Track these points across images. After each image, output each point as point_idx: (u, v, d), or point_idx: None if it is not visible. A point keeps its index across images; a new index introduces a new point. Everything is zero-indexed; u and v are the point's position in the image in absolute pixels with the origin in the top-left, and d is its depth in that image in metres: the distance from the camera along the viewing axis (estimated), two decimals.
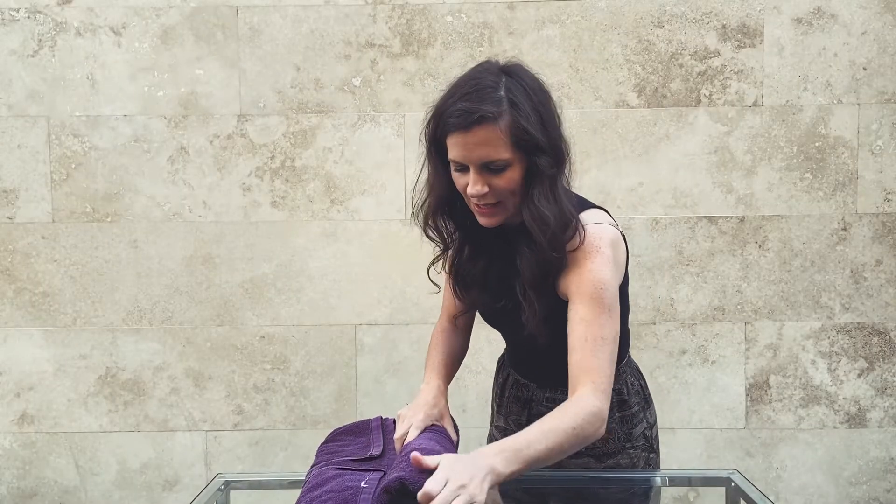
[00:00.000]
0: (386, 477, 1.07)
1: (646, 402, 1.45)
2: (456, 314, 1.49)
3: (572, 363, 1.17)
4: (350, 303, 2.35)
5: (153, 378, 2.37)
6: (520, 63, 1.25)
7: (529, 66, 1.26)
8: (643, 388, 1.45)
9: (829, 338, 2.34)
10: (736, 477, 1.36)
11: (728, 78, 2.30)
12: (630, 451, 1.40)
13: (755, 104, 2.30)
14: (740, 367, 2.34)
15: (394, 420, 1.33)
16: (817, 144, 2.31)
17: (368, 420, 1.41)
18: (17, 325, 2.36)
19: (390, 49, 2.30)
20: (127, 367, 2.36)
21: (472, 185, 1.20)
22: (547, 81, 1.27)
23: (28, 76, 2.32)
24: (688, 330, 2.34)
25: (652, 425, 1.45)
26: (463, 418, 2.25)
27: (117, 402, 2.37)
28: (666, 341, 2.34)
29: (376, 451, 1.24)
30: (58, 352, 2.36)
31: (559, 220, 1.20)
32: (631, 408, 1.41)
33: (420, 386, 1.38)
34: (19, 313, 2.36)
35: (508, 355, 1.52)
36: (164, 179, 2.33)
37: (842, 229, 2.32)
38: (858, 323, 2.33)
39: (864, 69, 2.29)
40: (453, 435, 1.31)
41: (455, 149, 1.21)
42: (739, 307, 2.33)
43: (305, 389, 2.37)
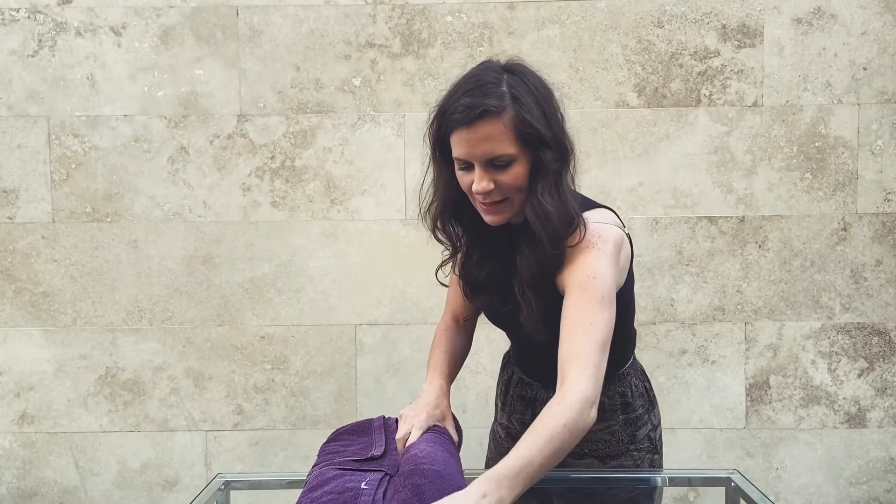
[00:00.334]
0: (395, 493, 1.06)
1: (650, 405, 1.44)
2: (462, 315, 1.49)
3: (560, 352, 1.13)
4: (350, 303, 2.35)
5: (153, 378, 2.37)
6: (522, 61, 1.25)
7: (531, 65, 1.26)
8: (648, 391, 1.45)
9: (829, 338, 2.34)
10: (736, 477, 1.36)
11: (728, 78, 2.30)
12: (634, 454, 1.40)
13: (755, 104, 2.30)
14: (740, 367, 2.34)
15: (396, 420, 1.33)
16: (817, 144, 2.31)
17: (371, 420, 1.41)
18: (17, 325, 2.36)
19: (390, 49, 2.30)
20: (127, 367, 2.36)
21: (478, 182, 1.19)
22: (549, 80, 1.27)
23: (28, 76, 2.31)
24: (688, 330, 2.34)
25: (656, 427, 1.45)
26: (463, 418, 2.25)
27: (117, 402, 2.37)
28: (666, 341, 2.34)
29: (378, 452, 1.24)
30: (58, 352, 2.36)
31: (562, 217, 1.19)
32: (635, 410, 1.40)
33: (422, 386, 1.37)
34: (19, 313, 2.36)
35: (514, 354, 1.52)
36: (164, 179, 2.33)
37: (842, 229, 2.32)
38: (858, 323, 2.33)
39: (864, 69, 2.29)
40: (455, 436, 1.31)
41: (459, 146, 1.20)
42: (739, 307, 2.33)
43: (305, 389, 2.36)
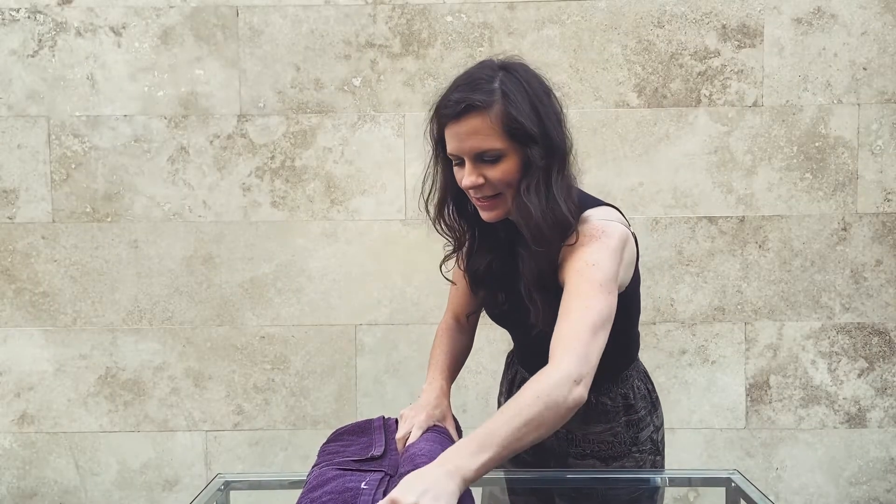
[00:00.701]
0: (391, 486, 1.06)
1: (653, 406, 1.44)
2: (464, 312, 1.49)
3: (553, 337, 1.11)
4: (350, 303, 2.35)
5: (153, 378, 2.37)
6: (521, 60, 1.25)
7: (531, 64, 1.26)
8: (650, 392, 1.44)
9: (829, 338, 2.34)
10: (736, 477, 1.36)
11: (728, 78, 2.30)
12: (636, 455, 1.39)
13: (755, 104, 2.30)
14: (740, 367, 2.34)
15: (396, 420, 1.34)
16: (817, 144, 2.31)
17: (371, 420, 1.41)
18: (17, 325, 2.36)
19: (390, 49, 2.30)
20: (127, 367, 2.36)
21: (466, 177, 1.20)
22: (550, 80, 1.27)
23: (28, 76, 2.31)
24: (688, 330, 2.34)
25: (658, 428, 1.44)
26: (463, 418, 2.24)
27: (117, 402, 2.37)
28: (666, 341, 2.34)
29: (378, 452, 1.24)
30: (58, 352, 2.36)
31: (546, 215, 1.18)
32: (637, 412, 1.40)
33: (422, 386, 1.38)
34: (19, 313, 2.36)
35: (517, 353, 1.52)
36: (164, 179, 2.33)
37: (842, 229, 2.32)
38: (858, 323, 2.33)
39: (864, 69, 2.29)
40: (455, 436, 1.31)
41: (450, 141, 1.21)
42: (739, 307, 2.33)
43: (305, 389, 2.36)
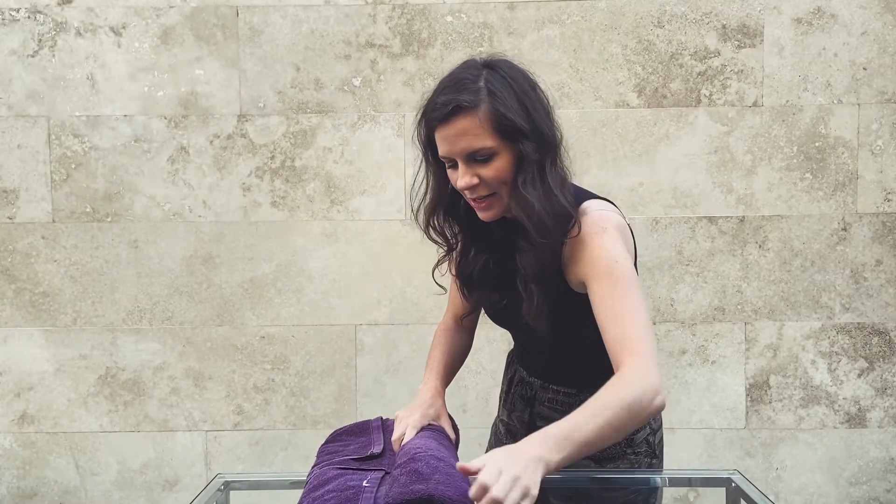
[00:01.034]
0: (397, 479, 1.06)
1: None
2: (462, 314, 1.49)
3: (608, 341, 1.12)
4: (350, 303, 2.35)
5: (153, 378, 2.36)
6: (504, 57, 1.26)
7: (514, 59, 1.26)
8: None
9: (829, 338, 2.34)
10: (736, 477, 1.36)
11: (728, 78, 2.30)
12: (631, 457, 1.39)
13: (755, 104, 2.30)
14: (740, 367, 2.35)
15: (394, 420, 1.34)
16: (817, 144, 2.31)
17: (369, 420, 1.41)
18: (17, 325, 2.36)
19: (390, 49, 2.30)
20: (127, 367, 2.36)
21: (461, 178, 1.20)
22: (541, 78, 1.27)
23: (28, 76, 2.31)
24: (688, 330, 2.34)
25: (655, 430, 1.44)
26: (463, 418, 2.25)
27: (117, 402, 2.37)
28: (666, 341, 2.34)
29: (377, 450, 1.24)
30: (58, 352, 2.36)
31: (546, 206, 1.18)
32: None
33: (419, 386, 1.38)
34: (19, 313, 2.36)
35: (515, 352, 1.52)
36: (164, 179, 2.33)
37: (842, 229, 2.32)
38: (858, 323, 2.34)
39: (864, 69, 2.29)
40: (451, 434, 1.32)
41: (441, 144, 1.21)
42: (739, 307, 2.34)
43: (305, 389, 2.36)
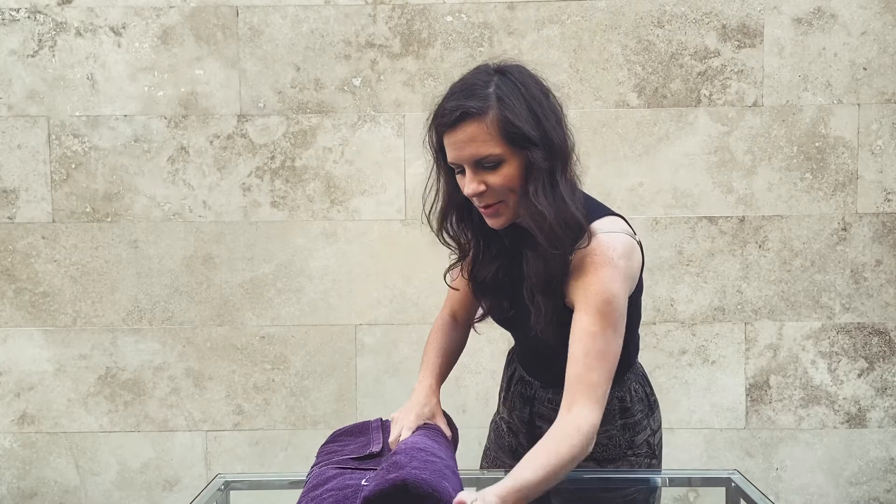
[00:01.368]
0: (378, 473, 1.07)
1: (650, 410, 1.43)
2: (462, 312, 1.50)
3: (570, 374, 1.17)
4: (350, 303, 2.35)
5: (153, 378, 2.37)
6: (518, 63, 1.24)
7: (528, 66, 1.25)
8: (648, 396, 1.44)
9: (829, 338, 2.34)
10: (736, 477, 1.36)
11: (728, 78, 2.30)
12: (631, 458, 1.39)
13: (755, 104, 2.30)
14: (740, 367, 2.34)
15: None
16: (817, 144, 2.31)
17: (368, 421, 1.42)
18: (17, 325, 2.36)
19: (390, 49, 2.30)
20: (127, 367, 2.36)
21: (468, 185, 1.20)
22: (548, 81, 1.26)
23: (28, 76, 2.32)
24: (688, 330, 2.34)
25: (655, 431, 1.44)
26: (463, 418, 2.25)
27: (117, 402, 2.37)
28: (666, 341, 2.34)
29: (376, 449, 1.25)
30: (58, 352, 2.36)
31: (558, 216, 1.18)
32: (634, 415, 1.40)
33: (414, 385, 1.39)
34: (19, 313, 2.36)
35: (517, 353, 1.52)
36: (164, 179, 2.33)
37: (842, 229, 2.32)
38: (858, 323, 2.33)
39: (864, 69, 2.29)
40: (447, 431, 1.32)
41: (449, 150, 1.21)
42: (739, 307, 2.33)
43: (305, 389, 2.36)
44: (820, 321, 2.33)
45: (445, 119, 1.19)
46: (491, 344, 2.30)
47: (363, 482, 1.10)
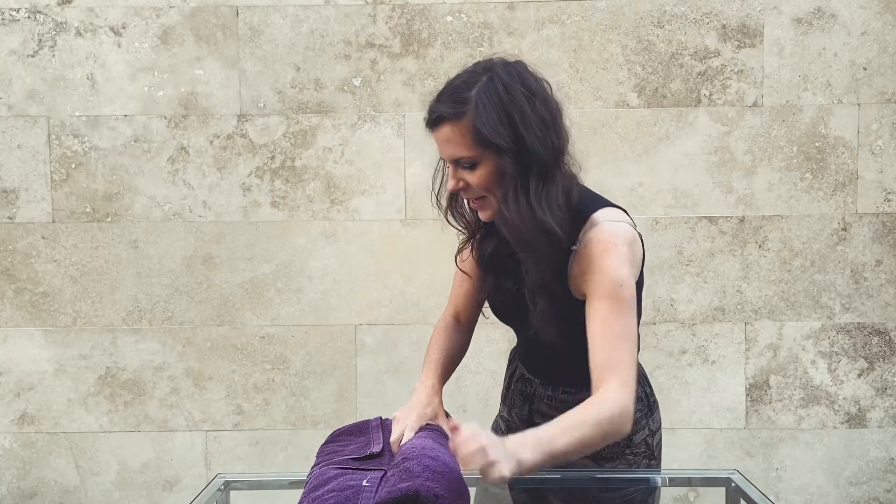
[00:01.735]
0: (388, 479, 1.07)
1: (649, 410, 1.44)
2: (464, 311, 1.51)
3: (594, 362, 1.18)
4: (350, 303, 2.35)
5: (153, 378, 2.36)
6: (517, 61, 1.25)
7: (530, 66, 1.25)
8: (647, 396, 1.44)
9: (829, 338, 2.34)
10: (736, 477, 1.36)
11: (728, 78, 2.30)
12: (629, 457, 1.39)
13: (755, 104, 2.30)
14: (740, 367, 2.34)
15: (392, 421, 1.34)
16: (817, 144, 2.31)
17: (368, 420, 1.42)
18: (17, 325, 2.36)
19: (390, 49, 2.30)
20: (127, 367, 2.36)
21: (449, 181, 1.26)
22: (548, 82, 1.26)
23: (28, 76, 2.32)
24: (688, 330, 2.34)
25: (654, 432, 1.44)
26: (463, 419, 2.25)
27: (117, 402, 2.37)
28: (666, 341, 2.34)
29: (376, 449, 1.25)
30: (58, 352, 2.36)
31: (527, 223, 1.19)
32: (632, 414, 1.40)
33: (415, 384, 1.40)
34: (19, 313, 2.36)
35: (518, 350, 1.53)
36: (164, 179, 2.33)
37: (842, 229, 2.32)
38: (858, 323, 2.34)
39: (864, 69, 2.29)
40: (449, 432, 1.32)
41: (436, 146, 1.27)
42: (739, 307, 2.34)
43: (305, 389, 2.36)
44: (820, 321, 2.34)
45: (426, 120, 1.25)
46: (491, 344, 2.30)
47: (364, 483, 1.10)
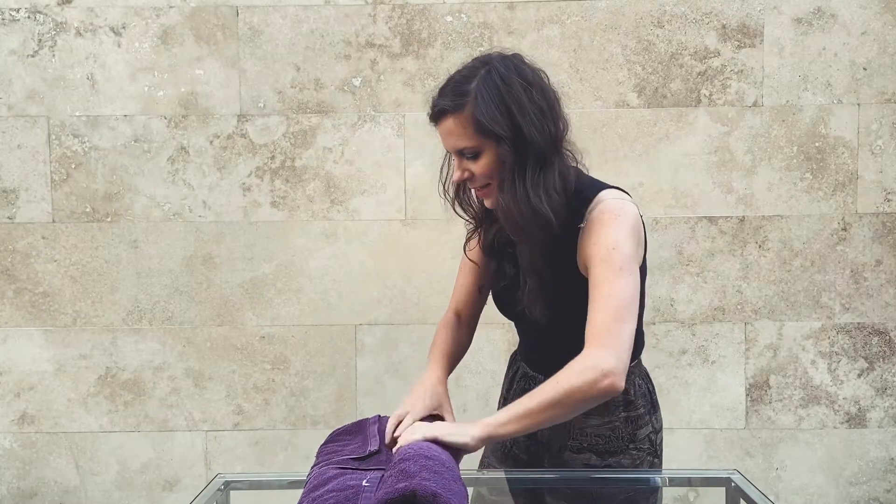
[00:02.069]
0: (385, 480, 1.07)
1: (652, 407, 1.44)
2: (466, 309, 1.54)
3: (586, 329, 1.21)
4: (350, 303, 2.35)
5: (153, 378, 2.36)
6: (513, 55, 1.32)
7: (527, 57, 1.33)
8: (651, 393, 1.45)
9: (829, 338, 2.34)
10: (736, 477, 1.36)
11: (728, 78, 2.30)
12: (633, 452, 1.40)
13: (755, 104, 2.30)
14: (740, 367, 2.34)
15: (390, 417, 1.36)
16: (817, 144, 2.31)
17: (366, 419, 1.42)
18: (17, 325, 2.36)
19: (390, 49, 2.30)
20: (127, 367, 2.36)
21: (455, 171, 1.32)
22: (544, 72, 1.34)
23: (28, 76, 2.31)
24: (688, 330, 2.34)
25: (658, 431, 1.45)
26: (463, 418, 2.25)
27: (117, 402, 2.37)
28: (666, 341, 2.34)
29: (374, 447, 1.25)
30: (58, 352, 2.36)
31: (522, 208, 1.25)
32: (637, 409, 1.41)
33: (422, 374, 1.44)
34: (19, 313, 2.36)
35: (521, 348, 1.55)
36: (164, 179, 2.33)
37: (842, 229, 2.32)
38: (858, 323, 2.33)
39: (864, 69, 2.29)
40: (452, 421, 1.35)
41: (440, 139, 1.32)
42: (739, 307, 2.33)
43: (305, 389, 2.36)
44: (820, 321, 2.34)
45: (430, 114, 1.31)
46: (491, 344, 2.30)
47: (364, 483, 1.10)
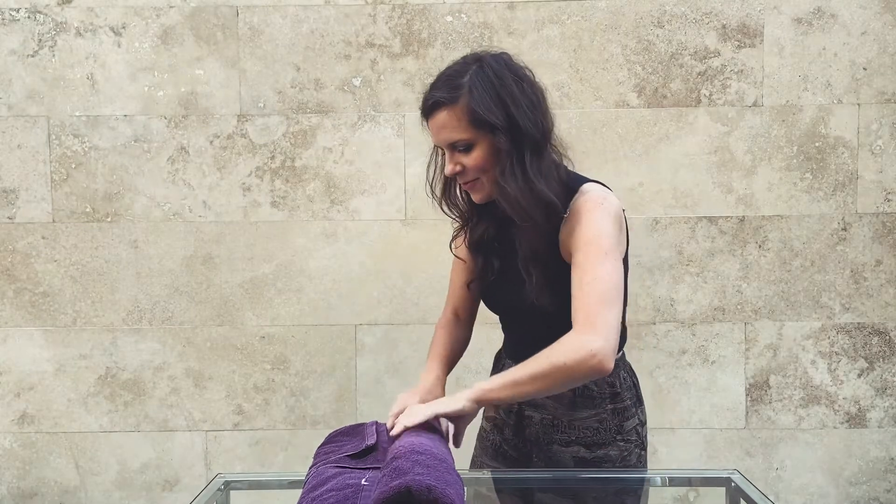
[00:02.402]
0: (380, 480, 1.07)
1: (638, 400, 1.48)
2: (463, 307, 1.57)
3: (572, 310, 1.24)
4: (350, 303, 2.35)
5: (153, 378, 2.37)
6: (502, 53, 1.35)
7: (514, 56, 1.35)
8: (635, 386, 1.49)
9: (829, 338, 2.34)
10: (736, 477, 1.36)
11: (728, 78, 2.30)
12: (621, 444, 1.42)
13: (755, 104, 2.30)
14: (740, 367, 2.34)
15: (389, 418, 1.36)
16: (817, 144, 2.31)
17: (364, 423, 1.43)
18: (17, 325, 2.36)
19: (390, 49, 2.30)
20: (127, 367, 2.36)
21: (447, 165, 1.34)
22: (537, 73, 1.36)
23: (28, 76, 2.32)
24: (688, 330, 2.34)
25: (643, 424, 1.47)
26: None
27: (117, 402, 2.37)
28: (666, 341, 2.34)
29: (371, 441, 1.26)
30: (58, 352, 2.36)
31: (526, 195, 1.27)
32: (623, 401, 1.43)
33: (421, 374, 1.46)
34: (19, 313, 2.36)
35: (506, 344, 1.57)
36: (164, 179, 2.33)
37: (842, 229, 2.32)
38: (858, 323, 2.33)
39: (864, 69, 2.29)
40: (446, 421, 1.34)
41: (431, 134, 1.34)
42: (739, 307, 2.33)
43: (305, 389, 2.36)
44: (820, 321, 2.33)
45: (422, 107, 1.34)
46: (490, 344, 2.30)
47: (363, 482, 1.10)
